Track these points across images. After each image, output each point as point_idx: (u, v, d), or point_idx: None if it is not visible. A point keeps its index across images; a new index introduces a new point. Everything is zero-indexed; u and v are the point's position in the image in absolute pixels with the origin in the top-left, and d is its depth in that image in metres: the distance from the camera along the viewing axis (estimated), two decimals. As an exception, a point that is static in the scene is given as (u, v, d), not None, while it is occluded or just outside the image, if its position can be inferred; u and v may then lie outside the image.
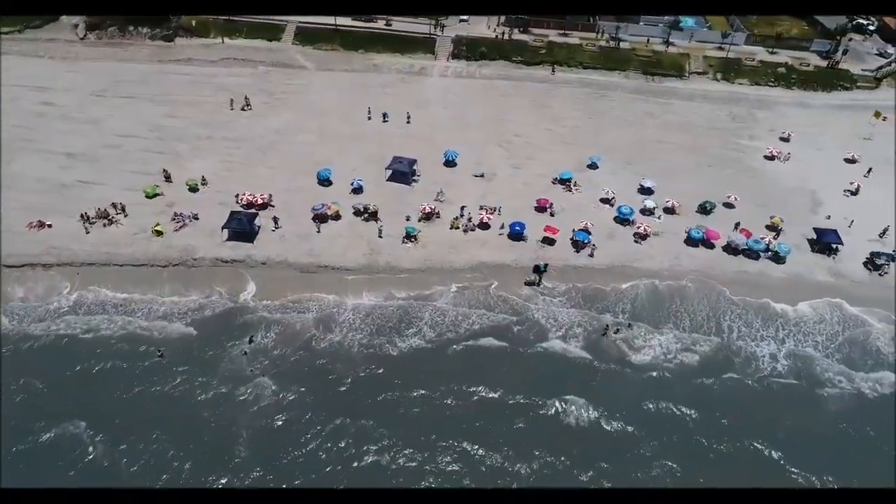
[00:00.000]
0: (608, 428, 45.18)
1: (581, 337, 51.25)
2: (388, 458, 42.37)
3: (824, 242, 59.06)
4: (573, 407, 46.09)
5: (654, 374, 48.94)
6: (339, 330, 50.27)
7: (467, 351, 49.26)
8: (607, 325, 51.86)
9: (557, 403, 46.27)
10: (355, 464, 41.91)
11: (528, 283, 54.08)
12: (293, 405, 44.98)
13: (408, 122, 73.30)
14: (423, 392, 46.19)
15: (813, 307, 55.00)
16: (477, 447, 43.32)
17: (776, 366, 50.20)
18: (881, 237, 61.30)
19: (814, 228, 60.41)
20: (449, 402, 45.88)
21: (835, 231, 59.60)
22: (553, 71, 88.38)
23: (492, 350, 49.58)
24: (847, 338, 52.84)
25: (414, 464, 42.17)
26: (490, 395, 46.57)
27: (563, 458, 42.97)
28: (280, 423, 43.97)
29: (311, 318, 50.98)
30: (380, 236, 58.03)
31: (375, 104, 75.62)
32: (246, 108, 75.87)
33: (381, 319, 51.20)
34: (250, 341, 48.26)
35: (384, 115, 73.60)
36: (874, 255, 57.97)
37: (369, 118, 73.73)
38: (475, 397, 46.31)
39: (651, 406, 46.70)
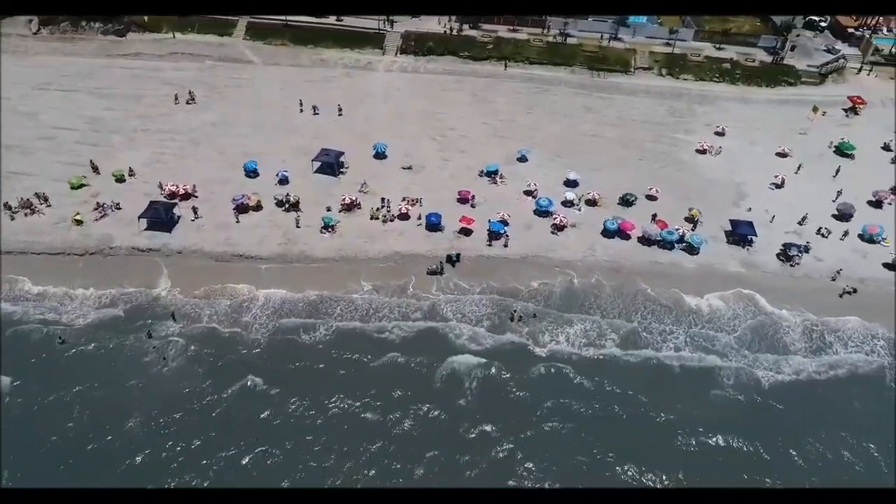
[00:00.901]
0: (506, 426, 45.74)
1: (484, 328, 51.91)
2: (262, 454, 42.75)
3: (739, 234, 59.67)
4: (463, 397, 46.82)
5: (555, 366, 49.46)
6: (247, 322, 50.94)
7: (367, 345, 49.92)
8: (514, 311, 52.56)
9: (454, 392, 47.04)
10: (239, 460, 42.57)
11: (431, 272, 54.85)
12: (190, 396, 45.76)
13: (339, 115, 74.13)
14: (316, 390, 46.81)
15: (721, 297, 55.75)
16: (371, 446, 43.92)
17: (676, 354, 50.83)
18: (800, 224, 61.87)
19: (730, 220, 61.00)
20: (343, 398, 46.52)
21: (750, 223, 60.23)
22: (505, 66, 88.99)
23: (393, 342, 50.42)
24: (751, 326, 53.54)
25: (292, 461, 42.74)
26: (391, 392, 47.24)
27: (455, 455, 43.69)
28: (177, 415, 44.59)
29: (219, 309, 51.77)
30: (297, 226, 58.86)
31: (317, 98, 76.44)
32: (191, 101, 76.77)
33: (291, 314, 51.80)
34: (149, 336, 48.85)
35: (314, 108, 74.42)
36: (787, 246, 58.54)
37: (301, 111, 74.51)
38: (371, 393, 46.97)
39: (549, 402, 47.18)
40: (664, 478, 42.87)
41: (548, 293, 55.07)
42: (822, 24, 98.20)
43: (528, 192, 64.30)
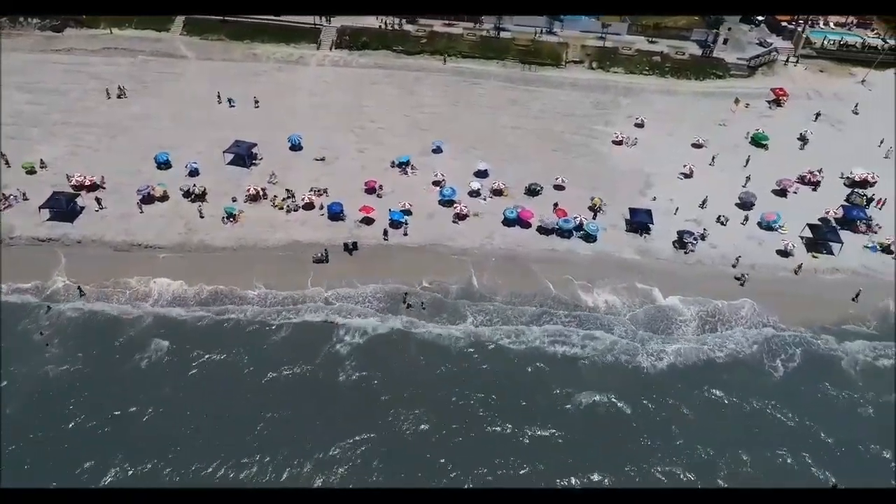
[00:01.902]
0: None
1: (374, 313, 52.81)
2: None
3: (637, 222, 60.60)
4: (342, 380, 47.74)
5: (437, 350, 50.51)
6: (136, 311, 51.75)
7: (255, 331, 50.92)
8: (405, 296, 53.45)
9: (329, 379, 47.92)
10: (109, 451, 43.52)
11: (316, 261, 55.67)
12: (69, 382, 46.60)
13: (256, 107, 74.96)
14: (196, 378, 47.75)
15: (611, 283, 56.56)
16: (246, 435, 44.93)
17: (557, 339, 51.72)
18: (701, 207, 63.15)
19: (629, 208, 61.89)
20: (223, 384, 47.49)
21: (648, 211, 61.19)
22: (444, 61, 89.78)
23: (280, 328, 51.35)
24: (638, 311, 54.51)
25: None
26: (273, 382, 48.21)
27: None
28: (65, 410, 45.24)
29: (111, 297, 52.61)
30: (201, 216, 59.69)
31: (244, 92, 77.23)
32: (122, 95, 77.59)
33: (183, 303, 52.74)
34: (41, 333, 49.63)
35: (230, 101, 75.28)
36: (682, 233, 59.46)
37: (219, 102, 75.36)
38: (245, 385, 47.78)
39: (420, 384, 48.24)
40: (509, 462, 43.60)
41: (440, 280, 55.82)
42: (759, 19, 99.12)
43: (436, 183, 65.12)
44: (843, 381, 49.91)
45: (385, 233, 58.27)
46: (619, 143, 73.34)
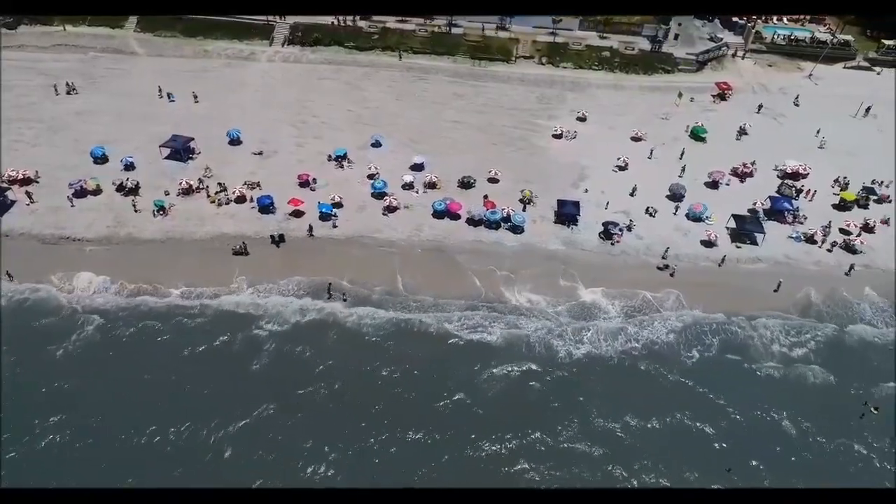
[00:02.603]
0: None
1: (296, 301, 53.37)
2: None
3: (564, 213, 61.23)
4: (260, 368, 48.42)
5: (356, 334, 51.24)
6: (60, 301, 52.24)
7: (175, 323, 51.20)
8: (329, 286, 54.00)
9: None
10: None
11: (236, 253, 56.14)
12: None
13: (196, 102, 75.49)
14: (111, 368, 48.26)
15: (535, 273, 57.05)
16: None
17: (473, 327, 52.31)
18: (632, 195, 64.29)
19: (558, 200, 62.51)
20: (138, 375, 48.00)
21: (576, 203, 61.86)
22: (400, 57, 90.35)
23: (201, 317, 51.88)
24: (558, 302, 54.94)
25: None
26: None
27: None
28: None
29: (33, 287, 53.10)
30: (136, 210, 60.20)
31: (192, 88, 77.69)
32: (72, 91, 78.06)
33: (107, 293, 53.29)
34: None
35: (169, 95, 75.79)
36: (608, 225, 60.10)
37: (160, 97, 75.86)
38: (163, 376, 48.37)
39: (335, 367, 49.04)
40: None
41: (365, 270, 56.34)
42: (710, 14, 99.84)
43: (371, 176, 65.67)
44: (757, 369, 50.54)
45: (310, 228, 58.66)
46: (559, 136, 74.00)
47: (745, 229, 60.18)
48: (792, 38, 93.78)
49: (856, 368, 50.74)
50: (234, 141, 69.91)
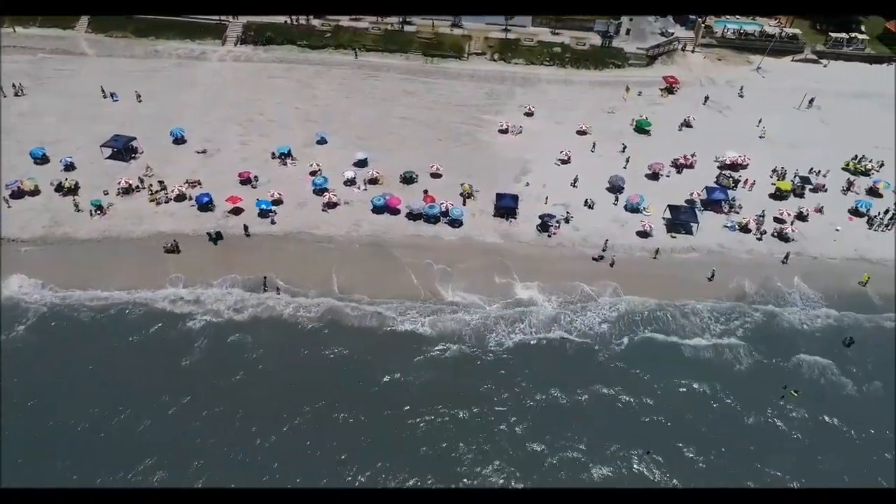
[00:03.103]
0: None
1: (230, 296, 53.61)
2: None
3: (503, 207, 61.83)
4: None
5: (290, 326, 51.85)
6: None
7: (110, 321, 51.57)
8: (265, 280, 54.25)
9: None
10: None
11: (168, 251, 56.23)
12: None
13: (139, 101, 75.39)
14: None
15: (473, 266, 57.53)
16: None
17: (406, 318, 52.87)
18: (573, 185, 65.42)
19: (497, 194, 63.08)
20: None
21: (513, 196, 62.53)
22: (356, 55, 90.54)
23: (137, 313, 52.16)
24: (497, 293, 55.45)
25: None
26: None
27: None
28: None
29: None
30: (77, 209, 60.09)
31: (139, 88, 77.53)
32: (20, 94, 77.68)
33: (43, 291, 53.41)
34: None
35: (112, 95, 75.68)
36: (544, 217, 60.73)
37: (104, 97, 75.71)
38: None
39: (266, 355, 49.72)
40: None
41: (302, 267, 56.60)
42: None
43: (313, 173, 65.91)
44: (686, 352, 51.45)
45: (245, 228, 58.80)
46: (505, 131, 74.60)
47: (679, 220, 61.06)
48: (741, 32, 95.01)
49: (781, 353, 51.68)
50: (178, 140, 69.89)
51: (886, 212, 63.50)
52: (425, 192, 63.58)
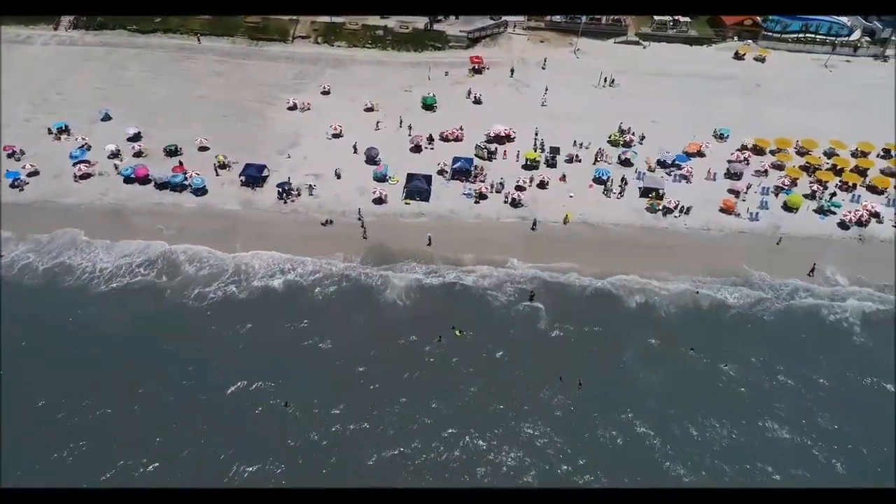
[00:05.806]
0: None
1: None
2: None
3: (248, 175, 64.34)
4: None
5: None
6: None
7: None
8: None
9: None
10: None
11: None
12: None
13: None
14: None
15: (200, 231, 59.93)
16: None
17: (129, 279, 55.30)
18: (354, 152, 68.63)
19: (245, 164, 65.53)
20: None
21: (260, 166, 65.21)
22: (199, 40, 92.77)
23: None
24: (221, 260, 57.92)
25: None
26: None
27: None
28: None
29: None
30: None
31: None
32: None
33: None
34: None
35: None
36: (281, 186, 63.35)
37: None
38: None
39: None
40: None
41: (37, 230, 59.03)
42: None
43: (81, 147, 68.24)
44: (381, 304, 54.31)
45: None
46: (293, 108, 77.01)
47: (415, 187, 63.44)
48: (569, 15, 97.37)
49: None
50: (-44, 117, 71.92)
51: (622, 180, 65.99)
52: (180, 163, 65.92)
